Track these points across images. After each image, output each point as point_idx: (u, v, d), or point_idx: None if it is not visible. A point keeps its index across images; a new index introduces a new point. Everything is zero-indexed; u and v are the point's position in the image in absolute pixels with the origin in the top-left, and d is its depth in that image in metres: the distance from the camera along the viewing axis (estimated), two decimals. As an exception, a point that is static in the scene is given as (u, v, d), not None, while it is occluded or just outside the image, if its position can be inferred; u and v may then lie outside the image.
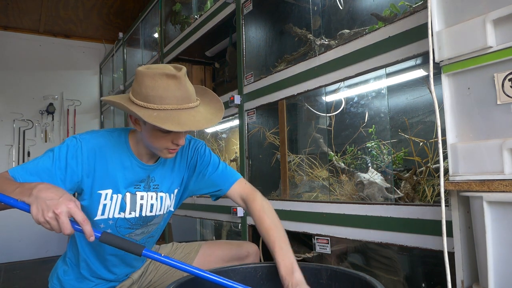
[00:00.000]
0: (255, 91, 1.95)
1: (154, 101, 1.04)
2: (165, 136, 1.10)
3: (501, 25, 0.78)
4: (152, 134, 1.10)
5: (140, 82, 1.07)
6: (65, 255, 1.33)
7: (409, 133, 1.55)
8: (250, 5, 1.98)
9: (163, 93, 1.04)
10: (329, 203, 1.49)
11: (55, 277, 1.30)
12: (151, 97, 1.04)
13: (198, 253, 1.42)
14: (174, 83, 1.05)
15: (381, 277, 1.58)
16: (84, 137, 1.15)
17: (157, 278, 1.41)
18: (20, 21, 4.58)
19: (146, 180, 1.24)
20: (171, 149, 1.13)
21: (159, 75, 1.05)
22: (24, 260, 4.47)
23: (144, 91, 1.05)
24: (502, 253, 0.77)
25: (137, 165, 1.21)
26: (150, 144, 1.14)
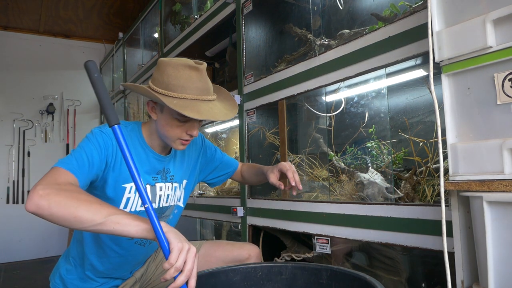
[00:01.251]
0: (255, 91, 1.95)
1: (175, 90, 1.09)
2: (180, 126, 1.14)
3: (501, 25, 0.78)
4: (168, 122, 1.14)
5: (162, 71, 1.12)
6: (67, 254, 1.32)
7: (409, 133, 1.55)
8: (250, 5, 1.98)
9: (185, 83, 1.09)
10: (329, 203, 1.49)
11: (57, 276, 1.28)
12: (172, 86, 1.09)
13: (199, 252, 1.42)
14: (195, 74, 1.10)
15: (381, 277, 1.58)
16: (108, 130, 1.15)
17: (156, 277, 1.41)
18: (20, 21, 4.58)
19: (162, 172, 1.27)
20: (184, 140, 1.17)
21: (182, 65, 1.10)
22: (24, 260, 4.47)
23: (166, 80, 1.10)
24: (502, 253, 0.77)
25: (153, 157, 1.24)
26: (164, 134, 1.17)
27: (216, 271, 1.04)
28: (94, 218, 0.87)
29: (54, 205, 0.88)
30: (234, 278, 1.06)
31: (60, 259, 1.33)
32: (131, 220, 0.89)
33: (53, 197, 0.89)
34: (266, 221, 1.82)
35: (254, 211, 1.91)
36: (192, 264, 0.85)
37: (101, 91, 0.91)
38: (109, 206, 0.92)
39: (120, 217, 0.88)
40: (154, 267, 1.41)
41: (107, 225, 0.87)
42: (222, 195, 2.36)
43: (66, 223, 0.89)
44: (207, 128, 2.79)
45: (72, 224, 0.89)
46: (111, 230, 0.88)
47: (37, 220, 5.21)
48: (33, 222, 4.60)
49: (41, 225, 4.63)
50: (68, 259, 1.30)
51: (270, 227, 1.79)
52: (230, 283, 1.05)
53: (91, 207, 0.89)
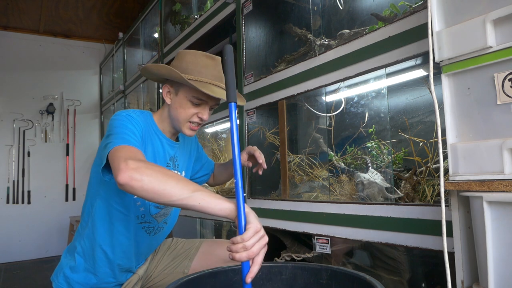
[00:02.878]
0: (255, 91, 1.95)
1: (193, 73, 1.19)
2: (193, 108, 1.22)
3: (501, 25, 0.78)
4: (182, 104, 1.22)
5: (181, 58, 1.23)
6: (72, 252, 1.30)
7: (409, 133, 1.55)
8: (250, 5, 1.98)
9: (202, 68, 1.20)
10: (329, 203, 1.49)
11: (61, 276, 1.27)
12: (190, 70, 1.20)
13: (199, 250, 1.42)
14: (212, 63, 1.22)
15: (381, 277, 1.58)
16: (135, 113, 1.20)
17: (157, 273, 1.41)
18: (20, 21, 4.58)
19: (173, 159, 1.32)
20: (193, 125, 1.25)
21: (199, 54, 1.23)
22: (24, 260, 4.48)
23: (184, 65, 1.21)
24: (502, 253, 0.77)
25: (167, 143, 1.30)
26: (176, 116, 1.24)
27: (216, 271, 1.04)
28: (182, 192, 0.90)
29: (146, 178, 0.90)
30: (234, 278, 1.06)
31: (63, 258, 1.32)
32: (214, 198, 0.91)
33: (144, 170, 0.91)
34: (266, 221, 1.82)
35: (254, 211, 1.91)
36: (260, 248, 0.85)
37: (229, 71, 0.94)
38: (194, 184, 0.95)
39: (206, 194, 0.90)
40: (155, 264, 1.42)
41: (193, 200, 0.89)
42: (222, 195, 2.36)
43: (154, 196, 0.91)
44: (207, 128, 2.79)
45: (161, 197, 0.91)
46: (196, 206, 0.90)
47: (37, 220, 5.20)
48: (33, 222, 4.60)
49: (41, 225, 4.63)
50: (73, 256, 1.29)
51: (270, 227, 1.79)
52: (230, 283, 1.05)
53: (178, 182, 0.91)
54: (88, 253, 1.26)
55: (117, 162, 0.94)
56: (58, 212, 4.72)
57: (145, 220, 1.28)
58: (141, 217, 1.26)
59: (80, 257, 1.27)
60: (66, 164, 4.87)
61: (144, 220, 1.27)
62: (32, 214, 4.60)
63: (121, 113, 1.17)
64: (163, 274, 1.41)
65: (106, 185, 1.22)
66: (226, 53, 0.95)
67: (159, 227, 1.34)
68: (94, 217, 1.25)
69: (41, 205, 4.66)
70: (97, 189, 1.25)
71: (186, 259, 1.42)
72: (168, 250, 1.46)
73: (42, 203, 4.68)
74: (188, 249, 1.44)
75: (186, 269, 1.40)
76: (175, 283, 0.91)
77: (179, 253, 1.44)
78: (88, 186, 1.30)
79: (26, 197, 4.59)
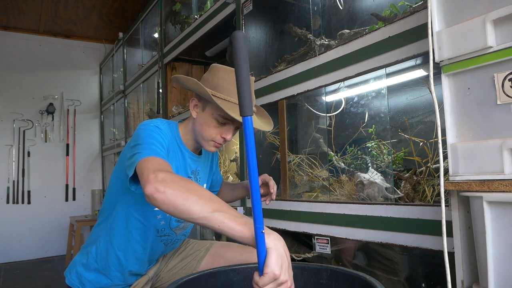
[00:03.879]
0: (255, 91, 1.94)
1: (223, 92, 1.14)
2: (218, 127, 1.18)
3: (501, 25, 0.78)
4: (206, 121, 1.18)
5: (214, 73, 1.18)
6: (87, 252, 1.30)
7: (409, 133, 1.55)
8: (250, 5, 1.98)
9: (233, 88, 1.14)
10: (329, 203, 1.49)
11: (74, 273, 1.27)
12: (220, 88, 1.15)
13: (208, 252, 1.42)
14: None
15: (381, 277, 1.58)
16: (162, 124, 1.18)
17: (164, 274, 1.41)
18: (20, 21, 4.58)
19: (194, 172, 1.31)
20: (217, 143, 1.21)
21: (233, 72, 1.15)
22: (24, 260, 4.48)
23: (216, 81, 1.16)
24: (502, 253, 0.77)
25: (189, 156, 1.28)
26: (200, 133, 1.21)
27: (216, 271, 1.04)
28: (202, 211, 0.86)
29: (169, 191, 0.88)
30: (234, 278, 1.06)
31: (77, 256, 1.32)
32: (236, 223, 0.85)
33: (170, 183, 0.89)
34: (266, 221, 1.82)
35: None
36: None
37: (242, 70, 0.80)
38: (219, 201, 0.89)
39: (227, 216, 0.85)
40: (164, 264, 1.42)
41: (212, 221, 0.85)
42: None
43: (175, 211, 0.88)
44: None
45: (181, 213, 0.87)
46: (216, 228, 0.85)
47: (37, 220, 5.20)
48: (33, 222, 4.60)
49: (41, 225, 4.63)
50: (86, 254, 1.29)
51: (270, 227, 1.79)
52: (230, 283, 1.05)
53: (200, 199, 0.87)
54: (102, 255, 1.26)
55: (146, 173, 0.91)
56: (58, 212, 4.72)
57: (165, 234, 1.28)
58: (161, 230, 1.26)
59: (93, 257, 1.27)
60: (66, 164, 4.87)
61: (164, 234, 1.28)
62: (32, 214, 4.60)
63: (149, 123, 1.15)
64: (171, 274, 1.41)
65: (127, 194, 1.21)
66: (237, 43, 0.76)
67: (177, 239, 1.35)
68: (112, 221, 1.25)
69: (41, 205, 4.66)
70: (117, 195, 1.25)
71: (194, 260, 1.41)
72: (179, 250, 1.46)
73: (42, 203, 4.68)
74: (197, 250, 1.44)
75: (194, 270, 1.40)
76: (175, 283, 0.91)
77: (189, 253, 1.44)
78: (108, 190, 1.30)
79: (26, 197, 4.59)
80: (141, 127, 1.14)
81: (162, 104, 3.10)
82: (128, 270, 1.27)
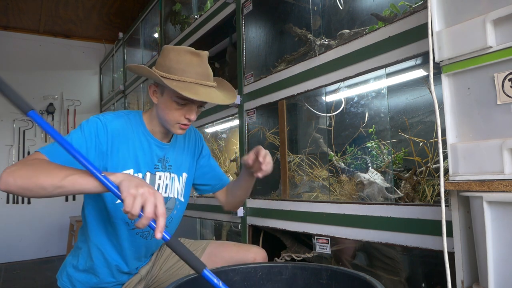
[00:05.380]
0: (255, 91, 1.95)
1: (176, 73, 1.14)
2: (179, 109, 1.17)
3: (501, 25, 0.78)
4: (167, 105, 1.18)
5: (165, 56, 1.18)
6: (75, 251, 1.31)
7: (409, 133, 1.55)
8: (250, 5, 1.98)
9: (186, 67, 1.14)
10: (329, 203, 1.49)
11: (65, 275, 1.28)
12: (173, 69, 1.14)
13: (205, 252, 1.42)
14: (196, 60, 1.16)
15: (381, 277, 1.58)
16: (107, 118, 1.18)
17: (161, 275, 1.41)
18: (20, 21, 4.58)
19: (162, 160, 1.29)
20: (182, 124, 1.20)
21: (184, 51, 1.16)
22: (24, 260, 4.48)
23: (168, 63, 1.15)
24: (502, 253, 0.77)
25: (154, 144, 1.26)
26: (163, 118, 1.20)
27: (216, 271, 1.04)
28: (53, 182, 0.90)
29: (18, 179, 0.92)
30: (234, 278, 1.06)
31: (68, 257, 1.33)
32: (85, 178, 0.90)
33: (17, 172, 0.93)
34: (266, 221, 1.82)
35: (254, 211, 1.91)
36: (152, 205, 0.84)
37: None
38: (68, 168, 0.94)
39: (78, 176, 0.90)
40: (160, 264, 1.41)
41: (67, 186, 0.90)
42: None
43: (32, 193, 0.92)
44: (207, 128, 2.79)
45: (38, 192, 0.91)
46: (72, 190, 0.90)
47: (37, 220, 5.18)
48: (33, 222, 4.60)
49: (41, 225, 4.63)
50: (76, 255, 1.29)
51: (270, 227, 1.79)
52: (230, 283, 1.05)
53: (49, 172, 0.92)
54: (87, 253, 1.27)
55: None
56: (58, 212, 4.72)
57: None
58: (131, 223, 1.24)
59: (82, 257, 1.27)
60: (66, 164, 4.87)
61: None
62: (32, 214, 4.60)
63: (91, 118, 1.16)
64: (168, 275, 1.41)
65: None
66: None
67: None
68: (87, 218, 1.26)
69: (41, 205, 4.66)
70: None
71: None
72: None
73: (42, 203, 4.68)
74: (194, 250, 1.44)
75: (191, 271, 1.40)
76: (175, 283, 0.91)
77: None
78: None
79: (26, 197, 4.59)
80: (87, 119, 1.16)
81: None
82: (114, 265, 1.26)
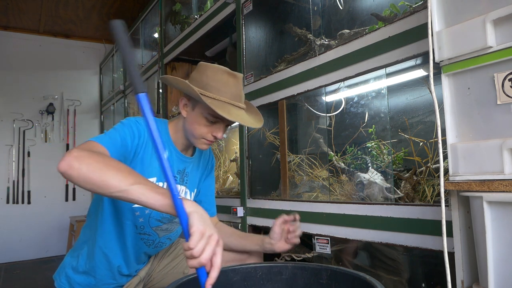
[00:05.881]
0: (255, 91, 1.95)
1: (211, 90, 1.15)
2: (208, 126, 1.19)
3: (501, 25, 0.78)
4: (197, 120, 1.19)
5: (202, 72, 1.19)
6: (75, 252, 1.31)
7: (409, 133, 1.55)
8: (250, 5, 1.98)
9: (221, 86, 1.16)
10: (329, 203, 1.49)
11: (63, 276, 1.27)
12: (209, 86, 1.15)
13: None
14: (232, 81, 1.18)
15: (381, 277, 1.58)
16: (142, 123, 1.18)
17: (156, 274, 1.41)
18: (20, 21, 4.58)
19: (182, 173, 1.29)
20: (208, 140, 1.21)
21: (221, 70, 1.18)
22: (24, 260, 4.47)
23: (204, 80, 1.16)
24: (502, 253, 0.77)
25: (177, 156, 1.27)
26: (191, 131, 1.21)
27: (216, 271, 1.04)
28: (120, 185, 0.85)
29: (84, 166, 0.87)
30: (234, 278, 1.06)
31: (66, 258, 1.32)
32: (156, 193, 0.85)
33: (85, 159, 0.88)
34: (266, 221, 1.82)
35: (254, 211, 1.91)
36: (211, 252, 0.79)
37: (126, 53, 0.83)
38: (138, 175, 0.90)
39: (146, 188, 0.86)
40: (156, 264, 1.41)
41: (132, 194, 0.85)
42: (222, 195, 2.36)
43: (93, 186, 0.87)
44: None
45: (99, 188, 0.87)
46: (136, 200, 0.86)
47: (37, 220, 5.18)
48: (33, 222, 4.60)
49: (41, 225, 4.63)
50: (76, 257, 1.29)
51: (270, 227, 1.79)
52: (230, 283, 1.05)
53: (118, 173, 0.87)
54: (89, 254, 1.26)
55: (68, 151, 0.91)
56: (58, 212, 4.72)
57: (144, 232, 1.26)
58: (140, 227, 1.25)
59: (83, 258, 1.27)
60: (66, 164, 4.87)
61: (144, 232, 1.26)
62: (32, 214, 4.60)
63: (130, 118, 1.18)
64: (162, 274, 1.41)
65: None
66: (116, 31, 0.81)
67: (160, 242, 1.32)
68: (96, 219, 1.25)
69: (41, 205, 4.66)
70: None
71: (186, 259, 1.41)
72: (169, 249, 1.46)
73: (42, 203, 4.68)
74: None
75: (186, 269, 1.40)
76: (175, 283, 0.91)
77: (179, 252, 1.44)
78: None
79: (26, 197, 4.59)
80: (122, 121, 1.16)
81: (162, 104, 3.10)
82: (116, 266, 1.26)
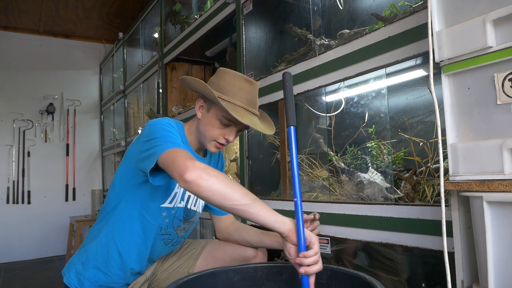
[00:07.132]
0: (255, 91, 1.95)
1: (227, 94, 1.19)
2: (221, 128, 1.23)
3: (501, 25, 0.78)
4: (211, 122, 1.22)
5: (220, 77, 1.23)
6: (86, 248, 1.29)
7: (409, 133, 1.55)
8: (250, 5, 1.98)
9: (238, 91, 1.19)
10: (329, 203, 1.49)
11: (73, 272, 1.27)
12: (226, 90, 1.19)
13: (204, 250, 1.43)
14: (249, 87, 1.22)
15: (381, 277, 1.58)
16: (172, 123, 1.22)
17: (160, 274, 1.42)
18: (20, 21, 4.58)
19: None
20: (219, 143, 1.25)
21: (239, 76, 1.22)
22: (24, 260, 4.48)
23: (221, 84, 1.20)
24: (502, 253, 0.77)
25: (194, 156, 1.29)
26: (203, 133, 1.25)
27: (216, 271, 1.04)
28: (244, 198, 0.97)
29: (213, 179, 0.97)
30: (234, 278, 1.06)
31: (76, 255, 1.31)
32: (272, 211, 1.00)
33: (211, 171, 0.98)
34: (266, 221, 1.81)
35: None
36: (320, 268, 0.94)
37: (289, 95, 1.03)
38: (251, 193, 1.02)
39: (265, 206, 0.99)
40: (161, 263, 1.42)
41: (253, 208, 0.97)
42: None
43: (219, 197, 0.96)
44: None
45: (225, 200, 0.96)
46: (255, 214, 0.97)
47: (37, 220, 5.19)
48: (33, 222, 4.60)
49: (41, 225, 4.63)
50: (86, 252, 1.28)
51: (270, 227, 1.79)
52: (230, 283, 1.05)
53: (241, 190, 0.99)
54: (102, 251, 1.25)
55: (181, 162, 0.98)
56: (58, 212, 4.72)
57: (167, 232, 1.30)
58: (164, 228, 1.28)
59: (92, 253, 1.26)
60: (66, 164, 4.87)
61: (166, 232, 1.29)
62: (32, 214, 4.60)
63: (161, 120, 1.19)
64: (167, 273, 1.41)
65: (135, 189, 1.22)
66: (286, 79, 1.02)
67: (177, 241, 1.36)
68: (116, 217, 1.25)
69: (41, 205, 4.66)
70: (123, 191, 1.25)
71: (191, 259, 1.42)
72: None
73: (42, 203, 4.68)
74: (193, 249, 1.45)
75: (190, 269, 1.40)
76: (175, 283, 0.91)
77: (185, 252, 1.45)
78: (111, 187, 1.31)
79: (26, 197, 4.59)
80: (153, 123, 1.17)
81: (162, 104, 3.10)
82: (130, 267, 1.26)
